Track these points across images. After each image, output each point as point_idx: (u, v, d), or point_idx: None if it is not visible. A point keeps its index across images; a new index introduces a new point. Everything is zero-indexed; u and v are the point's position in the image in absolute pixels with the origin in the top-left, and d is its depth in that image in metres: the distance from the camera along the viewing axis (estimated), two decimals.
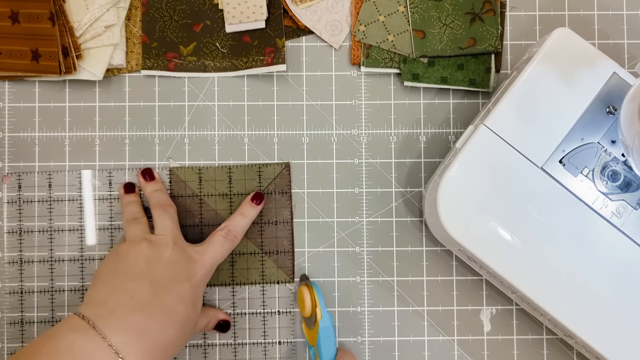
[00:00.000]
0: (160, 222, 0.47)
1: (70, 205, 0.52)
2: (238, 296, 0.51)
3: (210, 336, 0.51)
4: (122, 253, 0.43)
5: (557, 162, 0.45)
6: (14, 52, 0.50)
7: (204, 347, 0.51)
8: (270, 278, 0.51)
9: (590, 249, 0.44)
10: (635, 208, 0.45)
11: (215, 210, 0.51)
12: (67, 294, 0.51)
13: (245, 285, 0.51)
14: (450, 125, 0.53)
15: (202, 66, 0.52)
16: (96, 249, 0.51)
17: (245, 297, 0.51)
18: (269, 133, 0.53)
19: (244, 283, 0.51)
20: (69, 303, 0.51)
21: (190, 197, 0.51)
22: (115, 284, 0.41)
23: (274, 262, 0.51)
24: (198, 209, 0.51)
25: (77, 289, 0.51)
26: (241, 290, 0.51)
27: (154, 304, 0.40)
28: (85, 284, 0.51)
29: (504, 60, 0.53)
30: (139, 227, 0.47)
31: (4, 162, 0.52)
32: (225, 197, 0.51)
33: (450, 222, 0.44)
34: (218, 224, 0.50)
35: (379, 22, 0.52)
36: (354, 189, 0.52)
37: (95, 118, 0.52)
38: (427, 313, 0.52)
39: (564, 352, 0.51)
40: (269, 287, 0.51)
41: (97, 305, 0.39)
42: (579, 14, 0.53)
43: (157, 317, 0.39)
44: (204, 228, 0.51)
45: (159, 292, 0.40)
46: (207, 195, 0.51)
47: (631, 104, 0.40)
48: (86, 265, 0.51)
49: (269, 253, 0.51)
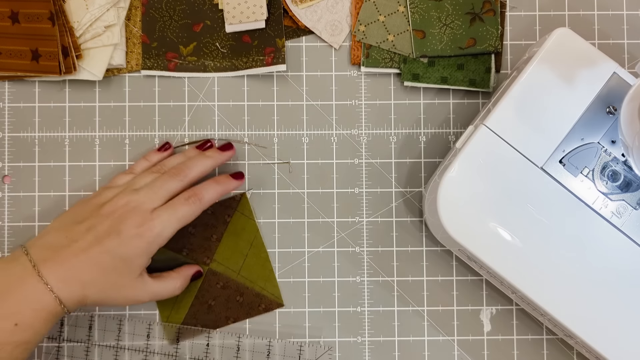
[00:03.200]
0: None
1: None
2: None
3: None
4: (87, 198, 0.48)
5: (557, 162, 0.45)
6: (14, 52, 0.50)
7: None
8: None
9: (590, 249, 0.44)
10: (635, 208, 0.45)
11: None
12: None
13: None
14: (450, 125, 0.53)
15: (202, 66, 0.52)
16: None
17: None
18: (269, 133, 0.53)
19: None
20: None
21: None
22: (63, 222, 0.46)
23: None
24: None
25: None
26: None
27: (82, 247, 0.44)
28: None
29: (504, 60, 0.53)
30: (125, 178, 0.48)
31: (4, 162, 0.52)
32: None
33: (450, 222, 0.44)
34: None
35: (379, 22, 0.52)
36: (354, 189, 0.52)
37: (95, 118, 0.52)
38: (427, 313, 0.52)
39: (564, 352, 0.51)
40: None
41: (38, 237, 0.45)
42: (579, 14, 0.53)
43: (82, 259, 0.43)
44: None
45: (90, 239, 0.44)
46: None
47: (631, 104, 0.40)
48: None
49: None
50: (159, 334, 0.51)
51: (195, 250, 0.51)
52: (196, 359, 0.51)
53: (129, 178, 0.48)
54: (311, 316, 0.52)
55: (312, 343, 0.51)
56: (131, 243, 0.44)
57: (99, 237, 0.44)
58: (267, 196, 0.52)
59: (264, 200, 0.52)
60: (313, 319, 0.52)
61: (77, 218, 0.45)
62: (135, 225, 0.44)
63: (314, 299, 0.52)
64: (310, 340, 0.51)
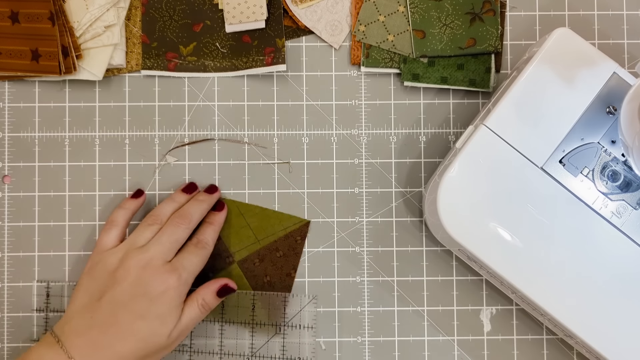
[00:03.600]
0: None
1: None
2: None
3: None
4: (92, 270, 0.46)
5: (557, 162, 0.45)
6: (14, 52, 0.50)
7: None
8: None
9: (590, 249, 0.44)
10: (635, 208, 0.45)
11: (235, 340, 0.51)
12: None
13: (235, 324, 0.51)
14: (450, 125, 0.53)
15: (202, 66, 0.52)
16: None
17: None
18: (269, 133, 0.53)
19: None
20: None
21: (211, 322, 0.51)
22: (82, 302, 0.45)
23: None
24: (219, 337, 0.51)
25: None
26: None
27: (110, 322, 0.44)
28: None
29: (504, 60, 0.53)
30: (146, 235, 0.47)
31: (4, 162, 0.52)
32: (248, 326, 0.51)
33: (450, 222, 0.44)
34: (238, 354, 0.50)
35: (379, 22, 0.52)
36: (354, 189, 0.52)
37: (95, 118, 0.52)
38: (427, 313, 0.52)
39: (564, 352, 0.51)
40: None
41: (64, 322, 0.45)
42: (579, 14, 0.53)
43: (113, 333, 0.43)
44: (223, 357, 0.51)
45: (117, 310, 0.44)
46: (229, 322, 0.51)
47: (631, 104, 0.40)
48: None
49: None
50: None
51: (213, 260, 0.50)
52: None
53: (156, 228, 0.47)
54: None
55: (297, 294, 0.51)
56: (163, 298, 0.44)
57: (124, 302, 0.44)
58: (267, 196, 0.52)
59: (264, 201, 0.52)
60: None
61: (94, 294, 0.45)
62: (161, 282, 0.44)
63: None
64: (294, 294, 0.51)
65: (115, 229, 0.48)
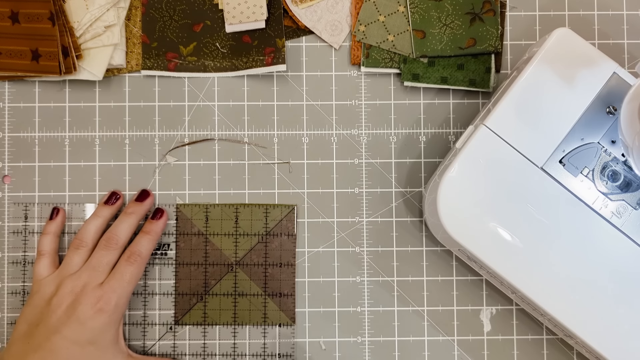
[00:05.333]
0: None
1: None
2: (239, 337, 0.51)
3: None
4: (31, 299, 0.48)
5: (557, 162, 0.45)
6: (14, 52, 0.50)
7: None
8: (272, 320, 0.51)
9: (590, 249, 0.44)
10: (635, 208, 0.45)
11: (220, 250, 0.51)
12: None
13: (247, 325, 0.51)
14: (450, 125, 0.53)
15: (202, 66, 0.52)
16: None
17: (246, 339, 0.51)
18: (269, 133, 0.53)
19: (245, 324, 0.51)
20: None
21: (196, 235, 0.51)
22: (22, 330, 0.47)
23: (276, 305, 0.51)
24: (203, 248, 0.51)
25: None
26: (242, 331, 0.51)
27: (46, 347, 0.45)
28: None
29: (504, 60, 0.53)
30: (79, 258, 0.48)
31: (4, 162, 0.52)
32: (231, 237, 0.51)
33: (450, 222, 0.44)
34: (223, 264, 0.51)
35: (379, 22, 0.52)
36: (354, 189, 0.52)
37: (95, 118, 0.52)
38: (427, 313, 0.52)
39: (564, 352, 0.51)
40: (270, 330, 0.51)
41: (6, 350, 0.46)
42: (579, 14, 0.53)
43: (49, 358, 0.44)
44: (208, 267, 0.51)
45: (52, 336, 0.45)
46: (213, 234, 0.51)
47: (631, 104, 0.40)
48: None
49: (271, 295, 0.51)
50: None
51: (214, 269, 0.51)
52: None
53: (83, 251, 0.48)
54: (311, 316, 0.52)
55: (278, 205, 0.52)
56: (93, 322, 0.45)
57: (57, 328, 0.45)
58: (267, 196, 0.52)
59: (264, 201, 0.52)
60: (313, 318, 0.52)
61: (32, 321, 0.46)
62: (91, 305, 0.45)
63: (314, 299, 0.52)
64: (278, 204, 0.51)
65: (44, 258, 0.49)
